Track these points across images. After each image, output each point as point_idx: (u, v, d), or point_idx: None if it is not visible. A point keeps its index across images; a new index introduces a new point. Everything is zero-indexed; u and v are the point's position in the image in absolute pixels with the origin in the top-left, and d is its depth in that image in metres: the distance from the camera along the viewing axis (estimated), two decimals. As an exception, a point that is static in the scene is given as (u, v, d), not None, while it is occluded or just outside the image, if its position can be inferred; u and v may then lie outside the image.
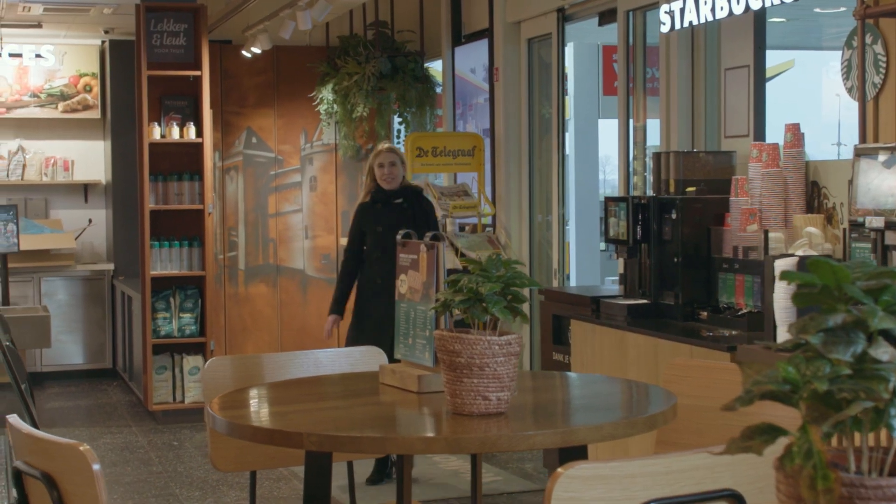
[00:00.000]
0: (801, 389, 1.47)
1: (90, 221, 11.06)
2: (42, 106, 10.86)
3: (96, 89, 10.93)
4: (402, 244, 3.80)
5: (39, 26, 10.12)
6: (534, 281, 3.27)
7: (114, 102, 10.71)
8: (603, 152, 10.87)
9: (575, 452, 3.29)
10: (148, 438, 8.28)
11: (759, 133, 5.92)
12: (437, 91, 9.56)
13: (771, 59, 6.16)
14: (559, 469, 2.13)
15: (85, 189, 11.09)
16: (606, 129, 10.18)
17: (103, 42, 10.86)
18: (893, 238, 4.53)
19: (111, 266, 10.73)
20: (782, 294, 4.57)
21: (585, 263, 9.94)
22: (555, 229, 7.99)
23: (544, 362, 6.68)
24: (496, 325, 3.21)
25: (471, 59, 9.03)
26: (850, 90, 5.17)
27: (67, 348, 10.60)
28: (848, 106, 8.70)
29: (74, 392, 10.15)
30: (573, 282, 8.48)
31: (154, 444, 8.09)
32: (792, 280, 1.56)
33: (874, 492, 1.42)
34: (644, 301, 5.77)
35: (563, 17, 7.80)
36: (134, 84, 8.95)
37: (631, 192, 7.00)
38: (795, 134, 5.32)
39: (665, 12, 5.92)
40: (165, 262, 8.78)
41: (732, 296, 5.31)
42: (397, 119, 9.58)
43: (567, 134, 8.29)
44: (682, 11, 5.78)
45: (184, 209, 8.80)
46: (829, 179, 5.26)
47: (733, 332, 5.10)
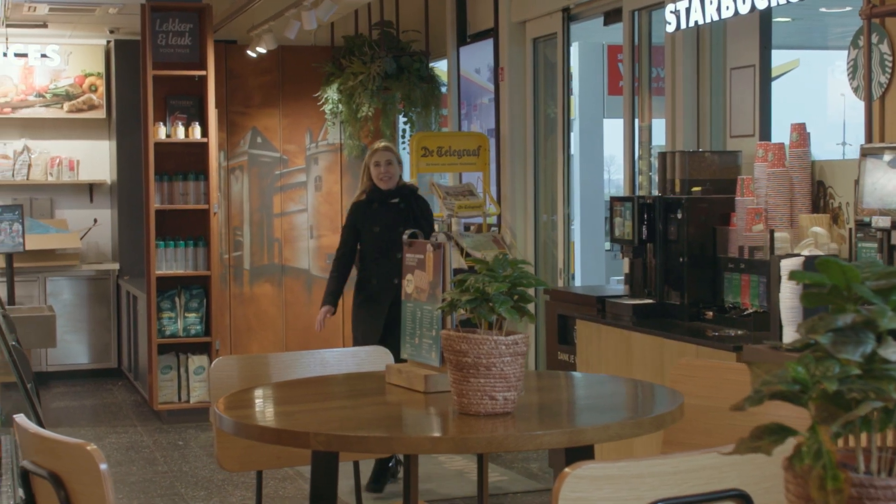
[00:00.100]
0: (811, 389, 1.47)
1: (95, 221, 11.06)
2: (47, 106, 10.86)
3: (101, 89, 10.93)
4: (409, 244, 3.79)
5: (45, 26, 10.13)
6: (540, 280, 3.27)
7: (119, 102, 10.72)
8: (607, 152, 10.87)
9: (582, 452, 3.28)
10: (153, 438, 8.29)
11: (765, 133, 5.91)
12: (443, 91, 9.56)
13: (776, 59, 6.16)
14: (566, 469, 2.13)
15: (90, 189, 11.10)
16: (611, 129, 10.19)
17: (108, 42, 10.86)
18: (900, 238, 4.53)
19: (116, 266, 10.74)
20: (788, 294, 4.57)
21: (590, 263, 9.94)
22: (560, 229, 7.99)
23: (549, 362, 6.68)
24: (502, 325, 3.21)
25: (475, 59, 9.02)
26: (857, 90, 5.16)
27: (73, 348, 10.61)
28: (853, 105, 8.70)
29: (80, 392, 10.15)
30: (578, 282, 8.47)
31: (159, 444, 8.09)
32: (801, 280, 1.56)
33: (884, 492, 1.42)
34: (650, 301, 5.77)
35: (569, 17, 7.80)
36: (139, 84, 8.96)
37: (636, 192, 7.00)
38: (801, 134, 5.31)
39: (671, 12, 5.92)
40: (171, 262, 8.79)
41: (738, 296, 5.30)
42: (402, 119, 9.58)
43: (572, 134, 8.28)
44: (688, 11, 5.78)
45: (189, 209, 8.80)
46: (835, 179, 5.26)
47: (739, 332, 5.09)
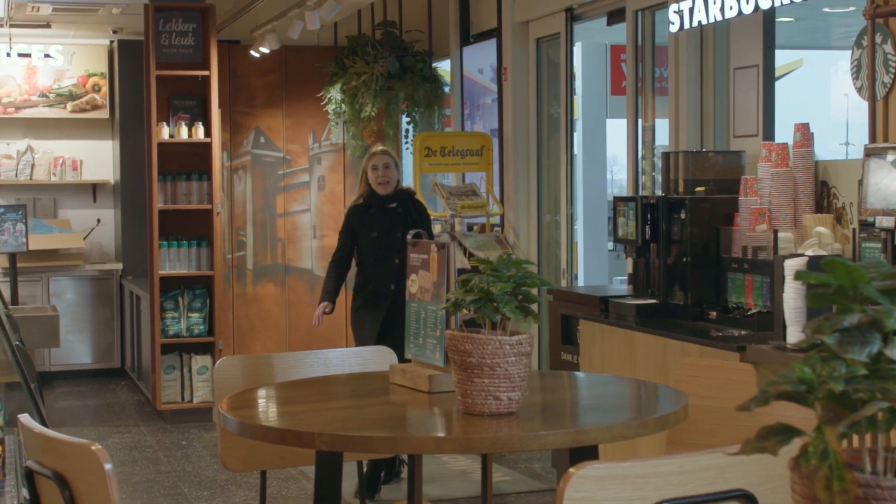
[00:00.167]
0: (817, 390, 1.47)
1: (99, 221, 11.07)
2: (51, 106, 10.87)
3: (105, 89, 10.94)
4: (413, 244, 3.80)
5: (48, 26, 10.14)
6: (545, 280, 3.27)
7: (122, 102, 10.72)
8: (610, 152, 10.87)
9: (586, 453, 3.28)
10: (156, 438, 8.29)
11: (769, 133, 5.91)
12: (446, 91, 9.56)
13: (779, 59, 6.15)
14: (571, 469, 2.12)
15: (93, 189, 11.11)
16: (614, 129, 10.18)
17: (112, 42, 10.87)
18: (903, 238, 4.52)
19: (120, 266, 10.74)
20: (792, 294, 4.57)
21: (593, 263, 9.93)
22: (563, 229, 7.99)
23: (553, 362, 6.68)
24: (506, 325, 3.21)
25: (478, 60, 9.02)
26: (860, 90, 5.16)
27: (76, 348, 10.62)
28: (856, 105, 8.69)
29: (83, 392, 10.16)
30: (581, 282, 8.47)
31: (162, 444, 8.10)
32: (807, 280, 1.56)
33: (890, 492, 1.42)
34: (653, 301, 5.77)
35: (572, 17, 7.80)
36: (142, 84, 8.96)
37: (640, 192, 6.99)
38: (805, 134, 5.31)
39: (674, 12, 5.92)
40: (174, 262, 8.79)
41: (742, 296, 5.30)
42: (405, 119, 9.58)
43: (575, 134, 8.28)
44: (691, 11, 5.78)
45: (192, 209, 8.81)
46: (839, 179, 5.25)
47: (742, 332, 5.09)
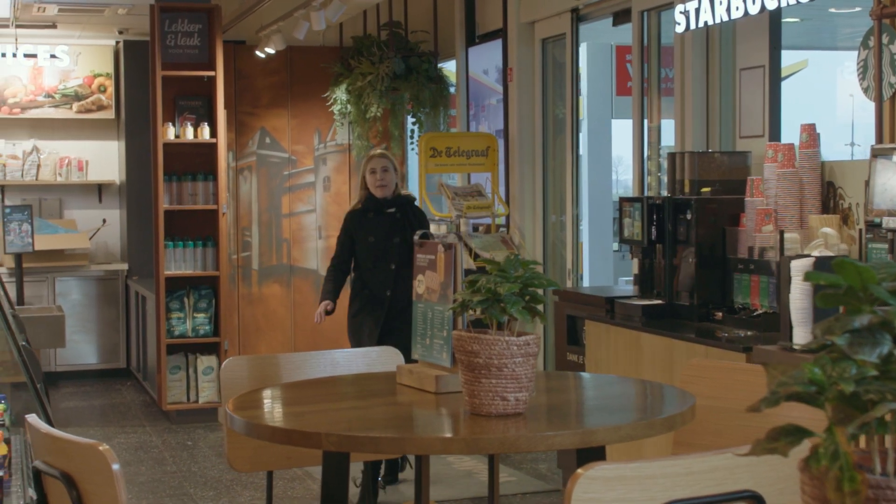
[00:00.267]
0: (827, 391, 1.46)
1: (104, 221, 11.08)
2: (56, 106, 10.88)
3: (110, 89, 10.95)
4: (420, 244, 3.80)
5: (54, 27, 10.15)
6: (552, 281, 3.27)
7: (128, 103, 10.74)
8: (616, 153, 10.87)
9: (593, 453, 3.28)
10: (162, 438, 8.30)
11: (775, 133, 5.90)
12: (451, 91, 9.56)
13: (784, 60, 6.15)
14: (579, 470, 2.12)
15: (99, 189, 11.12)
16: (619, 130, 10.18)
17: (118, 42, 10.88)
18: (910, 239, 4.52)
19: (125, 266, 10.75)
20: (798, 295, 4.56)
21: (598, 264, 9.93)
22: (568, 229, 7.98)
23: (558, 362, 6.68)
24: (513, 326, 3.21)
25: (483, 60, 9.02)
26: (867, 90, 5.15)
27: (81, 348, 10.63)
28: (862, 106, 8.68)
29: (88, 392, 10.17)
30: (586, 282, 8.47)
31: (168, 444, 8.10)
32: (817, 281, 1.56)
33: (900, 493, 1.42)
34: (659, 301, 5.76)
35: (578, 18, 7.79)
36: (148, 84, 8.97)
37: (646, 193, 6.99)
38: (811, 134, 5.31)
39: (680, 12, 5.92)
40: (179, 262, 8.80)
41: (748, 296, 5.29)
42: (411, 119, 9.59)
43: (580, 134, 8.28)
44: (698, 11, 5.77)
45: (198, 209, 8.81)
46: (845, 180, 5.25)
47: (748, 333, 5.08)
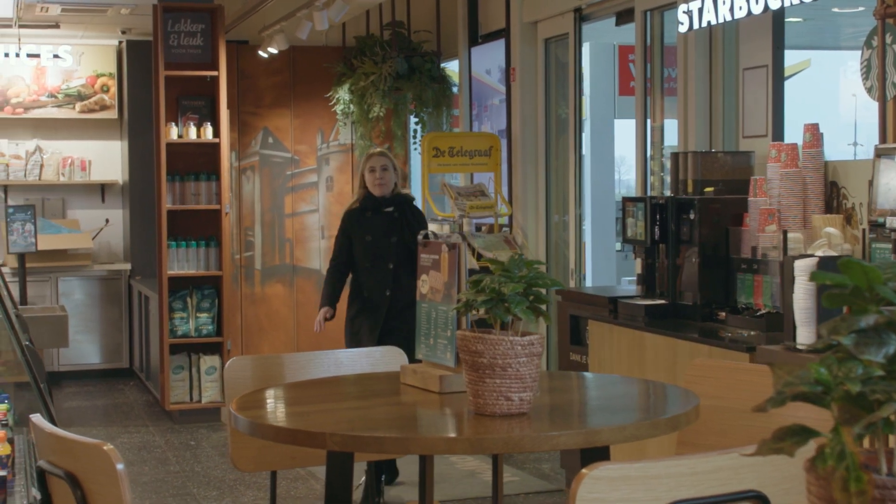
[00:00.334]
0: (834, 391, 1.46)
1: (107, 221, 11.08)
2: (59, 106, 10.88)
3: (113, 89, 10.95)
4: (424, 244, 3.80)
5: (57, 27, 10.15)
6: (556, 281, 3.27)
7: (131, 102, 10.74)
8: (618, 152, 10.86)
9: (597, 453, 3.28)
10: (165, 438, 8.30)
11: (778, 133, 5.90)
12: (454, 91, 9.56)
13: (787, 59, 6.14)
14: (584, 470, 2.12)
15: (102, 189, 11.12)
16: (622, 130, 10.18)
17: (121, 42, 10.88)
18: (914, 238, 4.52)
19: (128, 266, 10.76)
20: (802, 294, 4.56)
21: (601, 264, 9.93)
22: (571, 229, 7.99)
23: (561, 362, 6.68)
24: (517, 326, 3.21)
25: (486, 60, 9.02)
26: (870, 90, 5.15)
27: (85, 348, 10.63)
28: (865, 106, 8.68)
29: (91, 392, 10.17)
30: (589, 282, 8.47)
31: (171, 444, 8.11)
32: (823, 281, 1.56)
33: (906, 494, 1.42)
34: (662, 301, 5.76)
35: (580, 17, 7.79)
36: (151, 84, 8.97)
37: (649, 193, 6.99)
38: (814, 134, 5.30)
39: (683, 12, 5.91)
40: (182, 262, 8.80)
41: (751, 296, 5.29)
42: (413, 119, 9.59)
43: (583, 134, 8.28)
44: (701, 11, 5.77)
45: (201, 209, 8.82)
46: (849, 180, 5.25)
47: (752, 333, 5.08)
